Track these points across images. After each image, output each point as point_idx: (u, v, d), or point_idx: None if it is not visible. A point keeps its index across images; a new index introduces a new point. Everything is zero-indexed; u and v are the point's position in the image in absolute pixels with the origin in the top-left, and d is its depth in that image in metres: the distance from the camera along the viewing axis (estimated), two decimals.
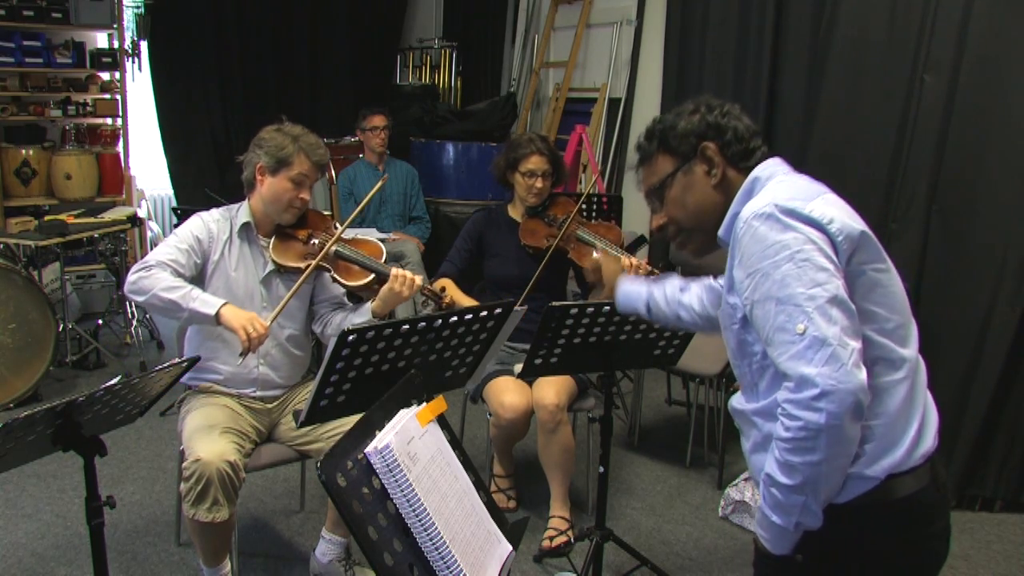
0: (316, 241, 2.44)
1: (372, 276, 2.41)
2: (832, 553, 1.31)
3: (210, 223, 2.40)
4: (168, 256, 2.27)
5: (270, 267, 2.42)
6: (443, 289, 2.53)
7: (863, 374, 1.19)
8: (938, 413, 1.37)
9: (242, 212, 2.44)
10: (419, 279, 2.36)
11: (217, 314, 2.17)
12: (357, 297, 2.56)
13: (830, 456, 1.20)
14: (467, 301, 2.93)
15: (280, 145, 2.35)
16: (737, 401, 1.40)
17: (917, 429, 1.30)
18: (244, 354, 2.17)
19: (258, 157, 2.38)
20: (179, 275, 2.27)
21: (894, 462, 1.27)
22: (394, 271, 2.35)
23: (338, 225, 2.53)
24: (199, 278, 2.37)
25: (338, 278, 2.42)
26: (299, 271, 2.38)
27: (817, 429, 1.17)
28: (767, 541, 1.32)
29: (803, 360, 1.19)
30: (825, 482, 1.23)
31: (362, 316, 2.41)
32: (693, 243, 1.48)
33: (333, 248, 2.40)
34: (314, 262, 2.35)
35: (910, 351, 1.31)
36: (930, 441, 1.33)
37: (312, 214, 2.51)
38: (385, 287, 2.34)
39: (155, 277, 2.19)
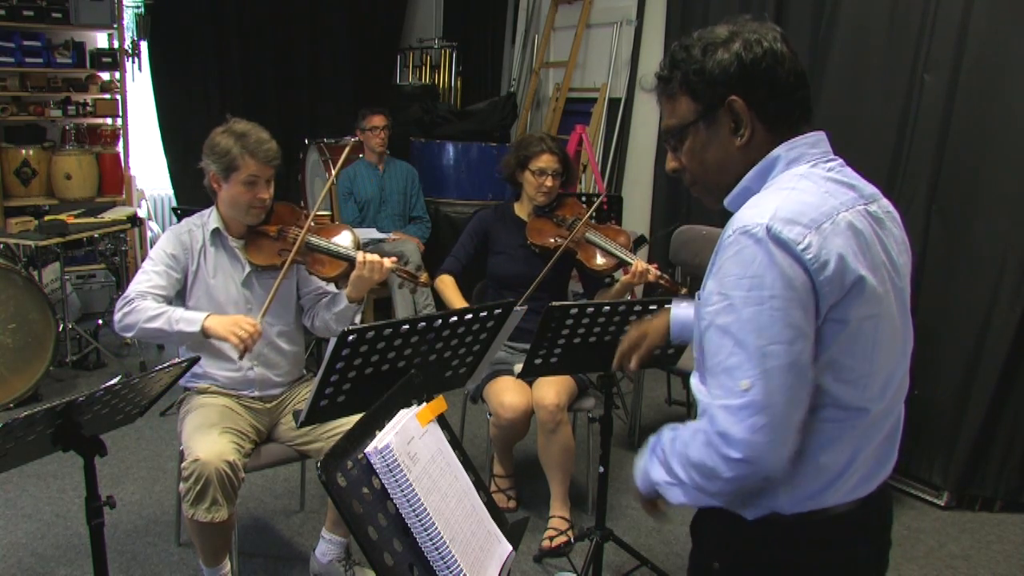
0: (288, 235, 2.42)
1: (345, 265, 2.38)
2: (747, 563, 1.28)
3: (182, 235, 2.38)
4: (147, 284, 2.26)
5: (247, 268, 2.41)
6: (419, 268, 2.48)
7: (788, 451, 1.12)
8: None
9: (212, 218, 2.42)
10: (388, 261, 2.33)
11: (202, 329, 2.16)
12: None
13: (721, 496, 1.17)
14: (460, 303, 2.93)
15: (224, 150, 2.29)
16: (695, 383, 1.30)
17: (856, 482, 1.22)
18: (242, 355, 2.17)
19: (209, 165, 2.34)
20: (163, 298, 2.26)
21: (814, 505, 1.20)
22: (359, 257, 2.32)
23: (307, 215, 2.48)
24: (182, 292, 2.37)
25: (313, 272, 2.41)
26: (275, 268, 2.36)
27: (719, 478, 1.13)
28: (636, 468, 1.34)
29: (735, 418, 1.09)
30: (708, 503, 1.22)
31: (339, 304, 2.40)
32: (709, 198, 1.31)
33: (305, 241, 2.37)
34: (288, 259, 2.32)
35: (875, 404, 1.19)
36: (870, 490, 1.24)
37: (280, 207, 2.47)
38: (354, 273, 2.33)
39: (137, 310, 2.19)
